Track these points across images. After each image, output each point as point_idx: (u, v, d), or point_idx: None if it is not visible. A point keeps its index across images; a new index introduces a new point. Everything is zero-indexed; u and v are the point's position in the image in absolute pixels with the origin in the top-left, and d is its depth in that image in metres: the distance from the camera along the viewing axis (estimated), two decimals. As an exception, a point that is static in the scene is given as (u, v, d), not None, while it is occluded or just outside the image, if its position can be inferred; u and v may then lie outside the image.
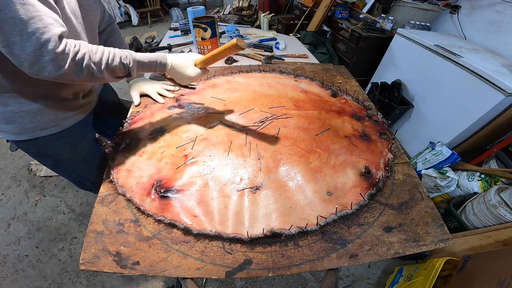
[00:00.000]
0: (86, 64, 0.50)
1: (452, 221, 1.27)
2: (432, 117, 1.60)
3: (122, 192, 0.59)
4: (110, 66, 0.54)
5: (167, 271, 0.48)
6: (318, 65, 1.17)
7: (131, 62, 0.58)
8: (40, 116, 0.63)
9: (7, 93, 0.58)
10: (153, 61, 0.63)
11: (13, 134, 0.64)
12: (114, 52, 0.55)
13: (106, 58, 0.54)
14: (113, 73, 0.56)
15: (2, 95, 0.58)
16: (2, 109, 0.60)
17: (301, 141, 0.71)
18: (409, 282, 1.08)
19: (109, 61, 0.54)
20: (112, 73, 0.56)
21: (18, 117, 0.61)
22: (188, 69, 0.67)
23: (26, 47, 0.44)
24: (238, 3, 4.13)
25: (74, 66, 0.49)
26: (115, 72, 0.56)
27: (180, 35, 1.64)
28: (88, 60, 0.51)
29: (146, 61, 0.62)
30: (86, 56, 0.50)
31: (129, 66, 0.58)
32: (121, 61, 0.56)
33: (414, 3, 2.02)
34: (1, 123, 0.62)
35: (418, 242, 0.53)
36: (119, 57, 0.56)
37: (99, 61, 0.52)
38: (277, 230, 0.52)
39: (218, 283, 1.23)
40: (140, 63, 0.61)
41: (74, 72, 0.50)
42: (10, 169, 1.82)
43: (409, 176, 0.66)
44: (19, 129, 0.63)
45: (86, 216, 1.51)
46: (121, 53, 0.57)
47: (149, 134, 0.74)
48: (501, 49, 1.54)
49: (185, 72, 0.67)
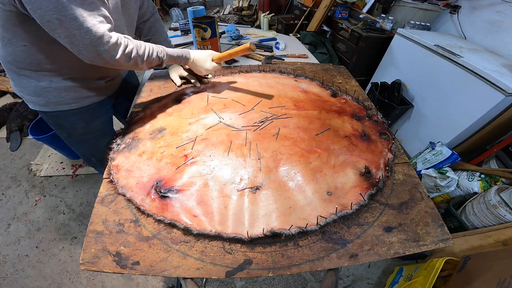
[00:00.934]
0: (134, 56, 0.64)
1: (452, 221, 1.27)
2: (432, 117, 1.60)
3: (122, 192, 0.59)
4: (149, 58, 0.68)
5: (167, 271, 0.48)
6: (318, 65, 1.17)
7: (165, 56, 0.73)
8: (65, 93, 0.74)
9: (43, 71, 0.68)
10: (180, 55, 0.79)
11: (38, 105, 0.75)
12: (152, 47, 0.69)
13: (148, 52, 0.67)
14: (150, 64, 0.70)
15: (38, 73, 0.68)
16: (34, 84, 0.70)
17: (301, 141, 0.71)
18: (409, 282, 1.08)
19: (149, 55, 0.68)
20: (149, 64, 0.70)
21: (46, 92, 0.72)
22: (206, 63, 0.85)
23: (85, 39, 0.54)
24: (238, 3, 4.13)
25: (125, 56, 0.62)
26: (151, 63, 0.71)
27: (180, 35, 1.64)
28: (136, 53, 0.64)
29: (175, 55, 0.78)
30: (134, 49, 0.63)
31: (163, 59, 0.73)
32: (157, 55, 0.70)
33: (414, 3, 2.02)
34: (31, 95, 0.72)
35: (418, 242, 0.53)
36: (156, 51, 0.70)
37: (142, 54, 0.66)
38: (277, 230, 0.52)
39: (218, 283, 1.23)
40: (171, 57, 0.76)
41: (124, 61, 0.62)
42: (10, 169, 1.82)
43: (409, 176, 0.66)
44: (45, 102, 0.74)
45: (86, 216, 1.51)
46: (157, 48, 0.71)
47: (149, 134, 0.74)
48: (501, 49, 1.54)
49: (203, 65, 0.85)
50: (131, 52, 0.63)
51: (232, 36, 1.58)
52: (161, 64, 0.73)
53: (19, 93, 0.74)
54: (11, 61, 0.66)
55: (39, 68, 0.67)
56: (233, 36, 1.58)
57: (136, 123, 0.79)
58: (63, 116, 0.78)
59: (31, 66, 0.66)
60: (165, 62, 0.74)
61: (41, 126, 1.67)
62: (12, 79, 0.72)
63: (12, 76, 0.71)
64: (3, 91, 2.42)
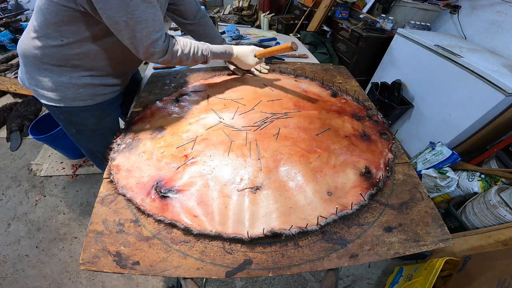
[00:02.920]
0: (180, 54, 0.69)
1: (452, 221, 1.27)
2: (432, 117, 1.60)
3: (122, 192, 0.59)
4: (195, 56, 0.73)
5: (167, 271, 0.48)
6: (318, 65, 1.17)
7: (209, 53, 0.78)
8: (83, 89, 0.75)
9: (67, 67, 0.69)
10: (224, 52, 0.84)
11: (53, 99, 0.74)
12: (197, 46, 0.74)
13: (193, 51, 0.72)
14: (195, 61, 0.76)
15: (61, 68, 0.69)
16: (54, 79, 0.70)
17: (301, 141, 0.71)
18: (409, 282, 1.08)
19: (194, 53, 0.73)
20: (194, 61, 0.75)
21: (64, 87, 0.72)
22: (249, 59, 0.90)
23: (144, 41, 0.60)
24: (238, 3, 4.13)
25: (171, 55, 0.67)
26: (196, 61, 0.76)
27: (180, 35, 1.64)
28: (181, 52, 0.70)
29: (219, 52, 0.82)
30: (179, 49, 0.69)
31: (208, 56, 0.78)
32: (202, 53, 0.75)
33: (414, 3, 2.02)
34: (47, 89, 0.72)
35: (418, 242, 0.53)
36: (201, 50, 0.75)
37: (188, 52, 0.71)
38: (277, 230, 0.52)
39: (218, 283, 1.23)
40: (215, 54, 0.81)
41: (171, 59, 0.68)
42: (10, 169, 1.82)
43: (409, 176, 0.66)
44: (61, 97, 0.74)
45: (86, 216, 1.51)
46: (202, 46, 0.76)
47: (149, 134, 0.74)
48: (501, 49, 1.54)
49: (247, 61, 0.90)
50: (177, 51, 0.69)
51: (232, 36, 1.58)
52: (206, 61, 0.79)
53: (32, 87, 0.73)
54: (37, 55, 0.66)
55: (64, 63, 0.68)
56: (233, 36, 1.58)
57: (136, 123, 0.79)
58: (76, 112, 0.78)
59: (57, 61, 0.67)
60: (209, 60, 0.79)
61: (41, 126, 1.67)
62: (27, 72, 0.71)
63: (29, 70, 0.70)
64: (3, 91, 2.42)
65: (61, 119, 0.82)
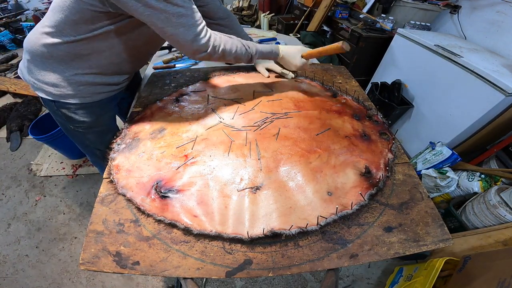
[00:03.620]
0: (222, 49, 0.69)
1: (452, 221, 1.27)
2: (432, 117, 1.60)
3: (122, 192, 0.59)
4: (237, 53, 0.73)
5: (167, 271, 0.48)
6: (318, 65, 1.17)
7: (255, 51, 0.77)
8: (83, 86, 0.74)
9: (73, 63, 0.69)
10: (270, 51, 0.83)
11: (52, 94, 0.73)
12: (242, 42, 0.74)
13: (235, 47, 0.72)
14: (238, 58, 0.75)
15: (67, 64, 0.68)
16: (57, 75, 0.70)
17: (302, 141, 0.71)
18: (409, 282, 1.08)
19: (237, 49, 0.72)
20: (237, 58, 0.75)
21: (66, 83, 0.71)
22: (296, 59, 0.87)
23: (188, 35, 0.61)
24: (238, 3, 4.13)
25: (213, 50, 0.67)
26: (240, 58, 0.75)
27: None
28: (223, 48, 0.69)
29: (265, 52, 0.81)
30: (221, 45, 0.69)
31: (253, 54, 0.76)
32: (247, 50, 0.75)
33: (414, 3, 2.02)
34: (48, 84, 0.71)
35: (418, 242, 0.53)
36: (245, 47, 0.74)
37: (230, 49, 0.71)
38: (277, 230, 0.52)
39: (218, 283, 1.23)
40: (261, 53, 0.80)
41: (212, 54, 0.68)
42: (10, 169, 1.82)
43: (409, 176, 0.66)
44: (61, 92, 0.73)
45: (86, 216, 1.51)
46: (247, 43, 0.75)
47: (149, 134, 0.74)
48: (501, 49, 1.54)
49: (293, 62, 0.87)
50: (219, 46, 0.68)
51: (232, 36, 1.57)
52: (251, 60, 0.78)
53: (32, 81, 0.72)
54: (45, 50, 0.65)
55: (71, 59, 0.68)
56: (233, 36, 1.57)
57: (136, 123, 0.79)
58: (74, 108, 0.78)
59: (65, 57, 0.67)
60: (255, 58, 0.78)
61: (41, 126, 1.67)
62: (30, 65, 0.70)
63: (33, 63, 0.70)
64: (3, 91, 2.42)
65: (58, 114, 0.81)
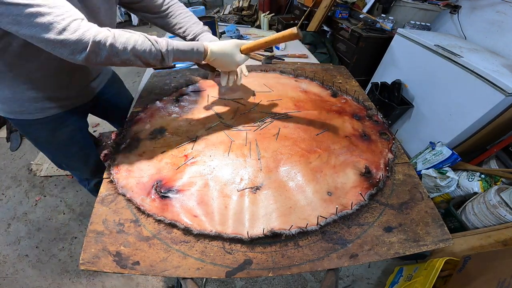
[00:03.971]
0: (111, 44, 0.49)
1: (452, 221, 1.27)
2: (432, 117, 1.60)
3: (122, 192, 0.59)
4: (137, 49, 0.52)
5: (167, 271, 0.48)
6: (318, 65, 1.17)
7: (165, 47, 0.56)
8: (28, 103, 0.71)
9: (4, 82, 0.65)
10: (190, 49, 0.61)
11: (3, 111, 0.73)
12: (147, 38, 0.54)
13: (134, 41, 0.52)
14: (144, 58, 0.54)
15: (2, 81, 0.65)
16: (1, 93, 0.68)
17: (301, 141, 0.71)
18: (409, 282, 1.08)
19: (137, 46, 0.52)
20: (141, 58, 0.54)
21: (10, 101, 0.70)
22: (235, 56, 0.67)
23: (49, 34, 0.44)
24: (238, 3, 4.13)
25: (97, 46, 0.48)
26: (145, 57, 0.54)
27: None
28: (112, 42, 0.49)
29: (185, 49, 0.60)
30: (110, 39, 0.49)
31: (162, 51, 0.55)
32: (154, 46, 0.54)
33: (414, 3, 2.02)
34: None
35: (418, 242, 0.53)
36: (151, 42, 0.54)
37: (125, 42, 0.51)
38: (277, 230, 0.52)
39: (218, 283, 1.23)
40: (178, 51, 0.59)
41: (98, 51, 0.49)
42: (10, 169, 1.82)
43: (409, 176, 0.66)
44: (9, 110, 0.72)
45: (86, 216, 1.51)
46: (155, 39, 0.55)
47: (149, 134, 0.74)
48: (501, 49, 1.54)
49: (231, 60, 0.67)
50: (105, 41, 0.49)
51: (232, 36, 1.57)
52: (164, 59, 0.57)
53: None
54: None
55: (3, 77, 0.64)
56: (233, 36, 1.57)
57: (136, 123, 0.79)
58: (26, 124, 0.76)
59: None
60: (169, 57, 0.58)
61: (41, 126, 1.67)
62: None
63: None
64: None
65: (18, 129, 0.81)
